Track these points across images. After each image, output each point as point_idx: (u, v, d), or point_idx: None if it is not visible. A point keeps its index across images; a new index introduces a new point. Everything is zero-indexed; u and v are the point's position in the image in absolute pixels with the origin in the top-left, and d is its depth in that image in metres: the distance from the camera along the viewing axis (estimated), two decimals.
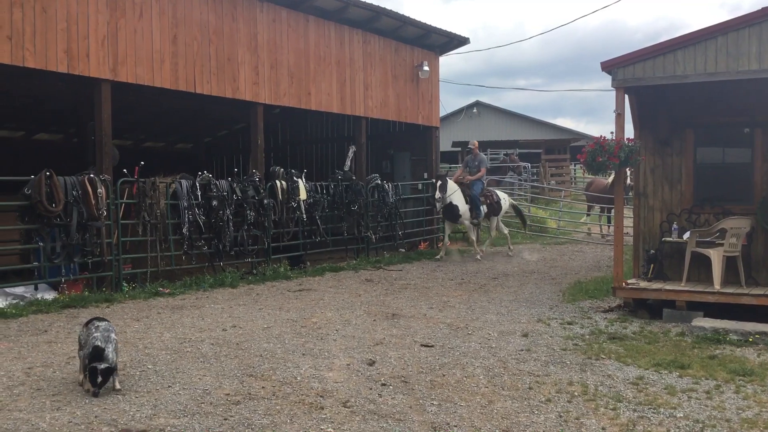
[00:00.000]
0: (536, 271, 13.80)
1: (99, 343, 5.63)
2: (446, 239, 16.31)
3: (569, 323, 8.67)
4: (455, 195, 15.56)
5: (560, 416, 5.32)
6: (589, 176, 31.15)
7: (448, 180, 15.62)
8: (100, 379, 5.50)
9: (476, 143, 16.87)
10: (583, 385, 6.09)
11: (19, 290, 10.10)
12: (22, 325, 8.37)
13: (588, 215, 22.00)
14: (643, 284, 9.64)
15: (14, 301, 9.60)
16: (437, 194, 15.27)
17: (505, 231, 17.29)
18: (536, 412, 5.40)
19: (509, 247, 16.87)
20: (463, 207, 15.58)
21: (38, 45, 9.91)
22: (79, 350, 5.92)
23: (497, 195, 16.73)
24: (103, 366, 5.51)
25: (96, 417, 5.07)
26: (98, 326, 5.88)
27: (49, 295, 9.93)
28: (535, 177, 29.43)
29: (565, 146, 34.49)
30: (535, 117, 45.34)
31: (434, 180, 15.93)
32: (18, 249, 11.65)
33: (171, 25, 11.73)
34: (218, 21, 12.56)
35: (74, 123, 17.97)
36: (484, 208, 16.00)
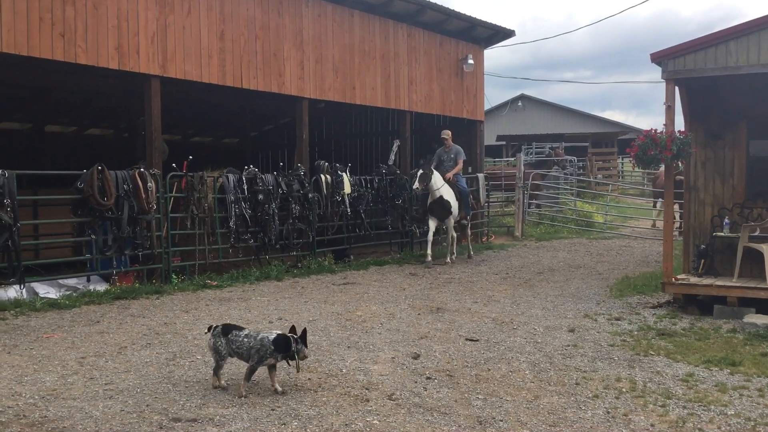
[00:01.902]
0: (583, 266, 13.64)
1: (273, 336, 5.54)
2: (430, 236, 13.82)
3: (617, 319, 8.56)
4: (445, 189, 13.97)
5: (608, 412, 5.26)
6: (639, 170, 30.65)
7: (435, 171, 13.91)
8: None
9: (449, 133, 15.06)
10: (632, 381, 6.00)
11: (72, 282, 10.37)
12: (75, 315, 8.60)
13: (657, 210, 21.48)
14: (693, 280, 9.45)
15: (67, 293, 9.86)
16: (416, 184, 13.50)
17: (453, 233, 14.52)
18: (583, 408, 5.35)
19: (450, 255, 14.29)
20: (454, 203, 14.04)
21: (90, 42, 10.13)
22: (217, 358, 5.63)
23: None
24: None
25: (147, 406, 5.19)
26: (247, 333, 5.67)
27: (101, 287, 10.18)
28: (581, 171, 29.05)
29: (613, 139, 33.92)
30: (582, 110, 44.73)
31: (415, 171, 13.93)
32: (71, 241, 12.00)
33: (218, 21, 11.89)
34: (264, 16, 12.69)
35: (125, 118, 18.36)
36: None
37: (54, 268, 10.73)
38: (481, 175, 18.26)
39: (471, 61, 17.60)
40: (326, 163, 13.82)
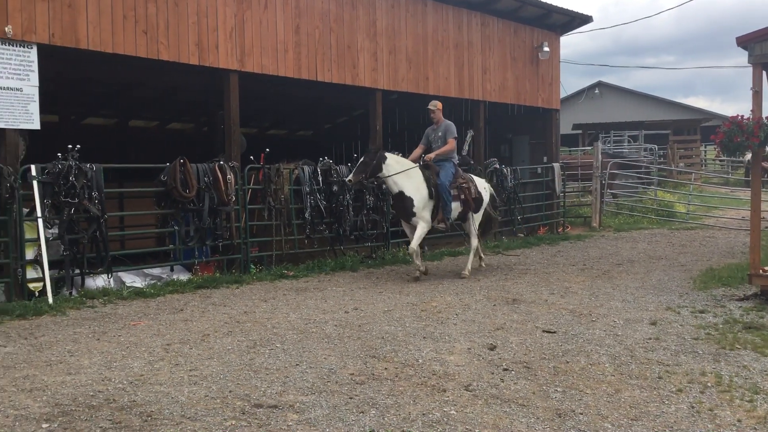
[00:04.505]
0: (664, 257, 13.25)
1: None
2: (413, 245, 10.71)
3: (701, 312, 8.28)
4: (406, 180, 10.61)
5: (692, 407, 5.11)
6: (724, 157, 29.51)
7: (390, 156, 10.76)
8: None
9: (439, 104, 11.32)
10: (717, 375, 5.81)
11: (156, 271, 10.74)
12: (160, 304, 8.91)
13: None
14: None
15: (152, 282, 10.22)
16: (349, 176, 10.80)
17: (474, 240, 11.64)
18: (666, 402, 5.21)
19: (480, 260, 11.85)
20: (419, 199, 10.61)
21: (171, 38, 10.43)
22: None
23: (475, 183, 11.63)
24: None
25: (230, 392, 5.34)
26: None
27: (184, 276, 10.51)
28: (662, 159, 28.19)
29: (696, 127, 32.78)
30: (663, 96, 43.36)
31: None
32: (154, 232, 12.42)
33: (294, 15, 12.05)
34: (338, 9, 12.78)
35: (204, 112, 18.84)
36: (458, 205, 11.06)
37: (139, 258, 11.13)
38: (556, 165, 17.97)
39: (546, 49, 17.29)
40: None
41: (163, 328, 7.47)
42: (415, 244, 10.69)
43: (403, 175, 10.62)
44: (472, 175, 11.96)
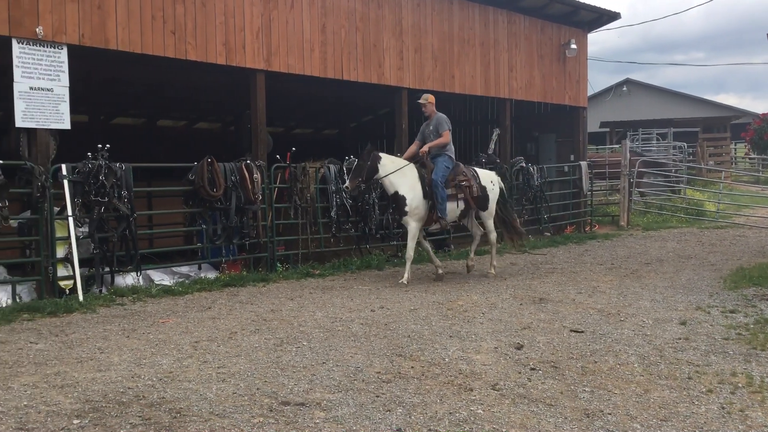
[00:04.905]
0: (693, 256, 13.09)
1: None
2: (410, 251, 10.39)
3: (731, 311, 8.17)
4: (403, 180, 10.20)
5: (723, 408, 5.04)
6: (754, 155, 29.11)
7: (384, 155, 10.39)
8: None
9: (431, 98, 10.84)
10: (748, 376, 5.72)
11: (184, 269, 10.86)
12: (188, 301, 9.00)
13: None
14: None
15: (180, 280, 10.32)
16: (346, 183, 10.51)
17: (492, 236, 11.27)
18: (696, 403, 5.14)
19: (492, 264, 11.23)
20: (414, 199, 10.17)
21: (199, 38, 10.51)
22: None
23: (479, 177, 11.00)
24: None
25: (258, 389, 5.37)
26: None
27: (211, 274, 10.59)
28: (691, 157, 27.85)
29: (726, 124, 32.35)
30: (692, 94, 42.75)
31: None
32: (182, 231, 12.54)
33: (320, 14, 12.08)
34: (364, 8, 12.79)
35: (231, 112, 18.97)
36: (455, 206, 10.52)
37: (167, 257, 11.24)
38: (584, 163, 17.83)
39: (574, 46, 17.15)
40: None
41: (191, 326, 7.54)
42: (410, 250, 10.36)
43: (399, 174, 10.21)
44: (476, 169, 11.36)
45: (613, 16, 18.06)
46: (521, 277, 10.82)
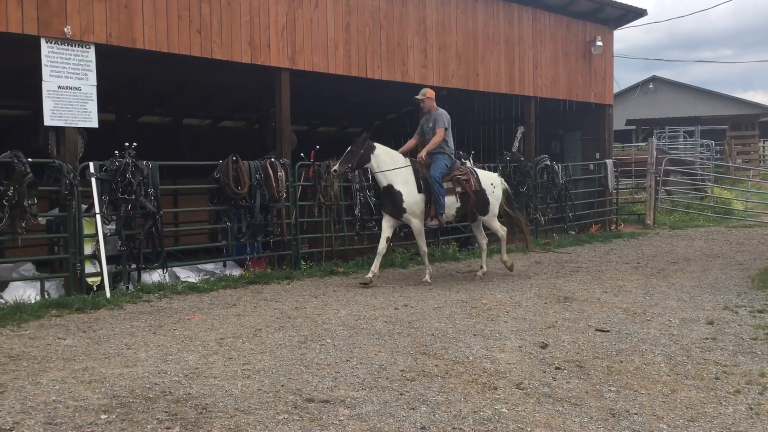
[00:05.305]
0: (721, 255, 12.92)
1: None
2: (382, 244, 10.17)
3: (760, 311, 8.05)
4: (397, 174, 10.02)
5: (751, 408, 4.98)
6: None
7: (379, 146, 10.12)
8: None
9: (429, 92, 10.61)
10: None
11: (209, 267, 10.95)
12: (213, 298, 9.07)
13: None
14: None
15: (205, 277, 10.40)
16: (335, 166, 10.16)
17: (500, 234, 11.08)
18: (724, 403, 5.08)
19: (504, 261, 11.01)
20: (410, 195, 10.03)
21: (224, 37, 10.58)
22: None
23: (479, 177, 10.69)
24: None
25: (282, 386, 5.40)
26: None
27: (236, 272, 10.66)
28: (718, 155, 27.49)
29: (754, 122, 31.90)
30: (721, 91, 42.19)
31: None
32: (208, 228, 12.63)
33: (344, 12, 12.09)
34: (388, 6, 12.79)
35: (256, 110, 19.07)
36: (454, 200, 10.33)
37: (193, 254, 11.33)
38: (609, 161, 17.67)
39: (599, 43, 17.00)
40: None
41: (216, 323, 7.60)
42: (423, 245, 10.36)
43: (392, 166, 10.05)
44: (477, 169, 11.11)
45: (640, 13, 17.87)
46: (546, 276, 10.76)
